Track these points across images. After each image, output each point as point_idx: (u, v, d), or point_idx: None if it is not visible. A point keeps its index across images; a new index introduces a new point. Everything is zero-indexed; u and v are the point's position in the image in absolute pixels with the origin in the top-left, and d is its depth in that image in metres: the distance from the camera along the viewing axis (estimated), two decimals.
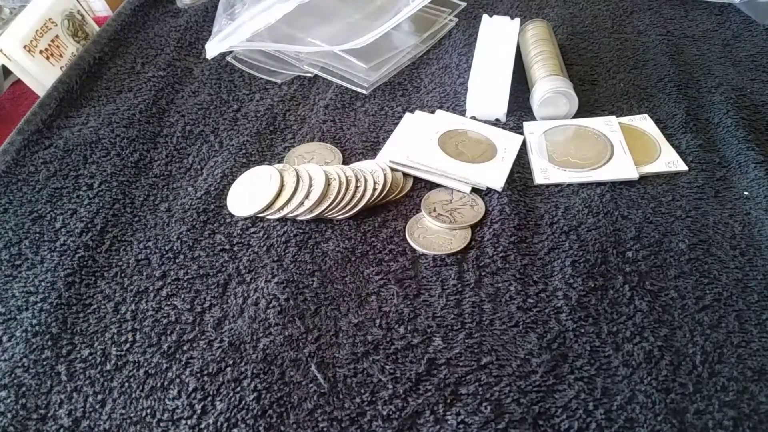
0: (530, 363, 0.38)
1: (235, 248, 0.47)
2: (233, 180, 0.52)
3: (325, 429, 0.36)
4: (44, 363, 0.40)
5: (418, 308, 0.42)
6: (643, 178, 0.50)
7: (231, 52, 0.67)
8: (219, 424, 0.36)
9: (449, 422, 0.36)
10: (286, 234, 0.47)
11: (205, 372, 0.39)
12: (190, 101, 0.62)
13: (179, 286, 0.44)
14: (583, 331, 0.40)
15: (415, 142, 0.53)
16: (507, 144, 0.54)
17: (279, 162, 0.54)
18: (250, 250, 0.46)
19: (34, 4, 0.69)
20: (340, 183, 0.49)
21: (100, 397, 0.38)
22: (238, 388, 0.38)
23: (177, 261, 0.46)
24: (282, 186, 0.49)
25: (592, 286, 0.42)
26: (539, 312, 0.41)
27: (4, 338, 0.41)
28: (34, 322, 0.42)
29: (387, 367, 0.39)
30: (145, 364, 0.39)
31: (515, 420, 0.36)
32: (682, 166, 0.51)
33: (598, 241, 0.45)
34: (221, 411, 0.37)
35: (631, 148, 0.52)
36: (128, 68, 0.67)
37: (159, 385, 0.38)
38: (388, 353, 0.39)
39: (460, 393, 0.37)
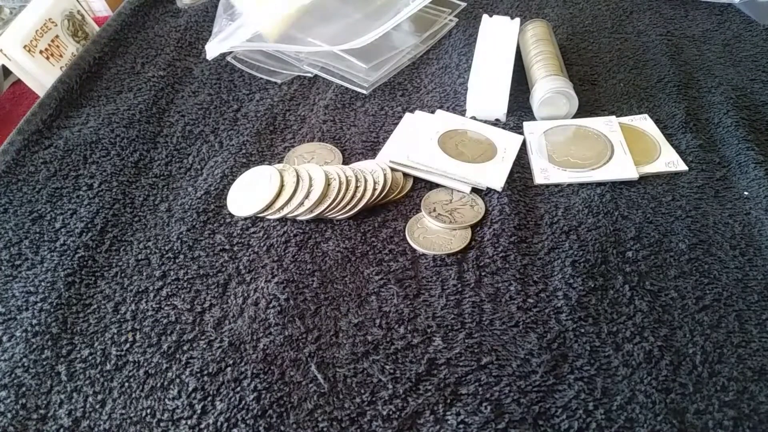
0: (530, 363, 0.38)
1: (235, 248, 0.47)
2: (233, 180, 0.52)
3: (325, 429, 0.36)
4: (44, 363, 0.40)
5: (418, 308, 0.42)
6: (643, 178, 0.50)
7: (231, 52, 0.67)
8: (219, 424, 0.36)
9: (449, 422, 0.36)
10: (286, 234, 0.47)
11: (205, 372, 0.39)
12: (190, 101, 0.62)
13: (179, 286, 0.44)
14: (583, 331, 0.40)
15: (415, 142, 0.53)
16: (507, 144, 0.54)
17: (279, 162, 0.54)
18: (250, 250, 0.46)
19: (34, 4, 0.69)
20: (340, 183, 0.49)
21: (100, 397, 0.38)
22: (238, 388, 0.38)
23: (177, 261, 0.46)
24: (282, 186, 0.49)
25: (592, 286, 0.42)
26: (539, 312, 0.41)
27: (4, 338, 0.41)
28: (34, 322, 0.42)
29: (387, 367, 0.39)
30: (145, 364, 0.39)
31: (515, 420, 0.36)
32: (682, 166, 0.51)
33: (598, 241, 0.45)
34: (221, 411, 0.37)
35: (631, 148, 0.52)
36: (128, 68, 0.67)
37: (159, 385, 0.38)
38: (388, 353, 0.39)
39: (460, 393, 0.37)
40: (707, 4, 0.73)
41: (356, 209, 0.48)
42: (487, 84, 0.57)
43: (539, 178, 0.51)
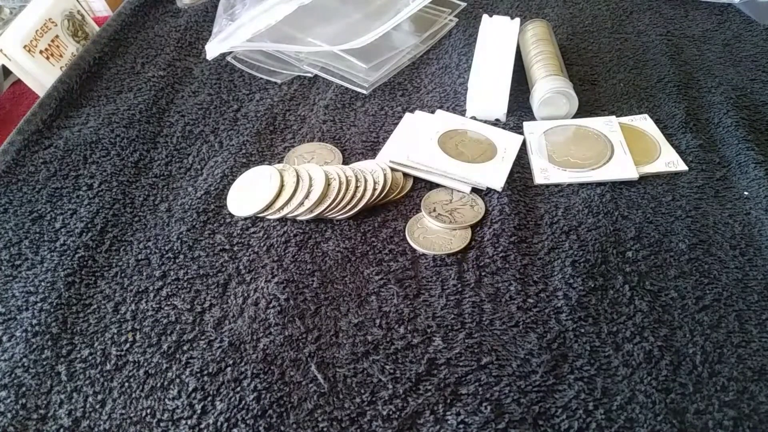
0: (530, 363, 0.38)
1: (235, 248, 0.47)
2: (233, 180, 0.52)
3: (325, 429, 0.36)
4: (44, 363, 0.40)
5: (418, 308, 0.42)
6: (643, 178, 0.50)
7: (231, 52, 0.67)
8: (219, 424, 0.36)
9: (449, 422, 0.36)
10: (286, 234, 0.47)
11: (205, 372, 0.39)
12: (190, 101, 0.62)
13: (179, 286, 0.44)
14: (583, 331, 0.40)
15: (415, 142, 0.53)
16: (507, 144, 0.54)
17: (279, 162, 0.54)
18: (250, 250, 0.46)
19: (34, 4, 0.69)
20: (340, 183, 0.49)
21: (100, 397, 0.38)
22: (238, 388, 0.38)
23: (177, 261, 0.46)
24: (282, 186, 0.49)
25: (592, 286, 0.42)
26: (539, 312, 0.41)
27: (4, 338, 0.41)
28: (34, 322, 0.42)
29: (387, 367, 0.39)
30: (145, 364, 0.39)
31: (515, 420, 0.36)
32: (682, 166, 0.51)
33: (598, 241, 0.45)
34: (221, 411, 0.37)
35: (631, 148, 0.52)
36: (128, 68, 0.67)
37: (159, 385, 0.38)
38: (388, 353, 0.39)
39: (460, 393, 0.37)
40: (707, 4, 0.73)
41: (356, 209, 0.48)
42: (487, 84, 0.57)
43: (539, 178, 0.51)
